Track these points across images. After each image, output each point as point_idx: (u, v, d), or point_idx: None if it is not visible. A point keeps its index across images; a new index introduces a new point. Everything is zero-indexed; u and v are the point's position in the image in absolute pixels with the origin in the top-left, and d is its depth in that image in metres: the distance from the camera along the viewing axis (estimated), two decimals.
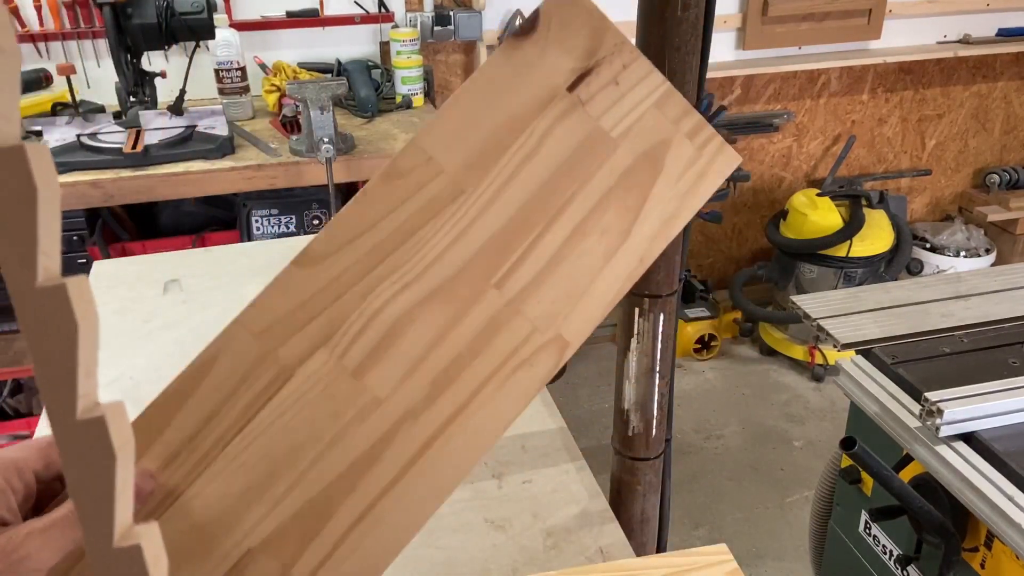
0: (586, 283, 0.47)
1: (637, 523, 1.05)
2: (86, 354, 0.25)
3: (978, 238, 3.43)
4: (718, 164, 0.52)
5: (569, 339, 0.46)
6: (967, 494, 1.15)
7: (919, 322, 1.45)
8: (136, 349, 1.24)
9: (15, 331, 2.41)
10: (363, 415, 0.45)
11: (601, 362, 3.28)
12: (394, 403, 0.45)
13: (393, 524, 0.42)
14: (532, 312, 0.45)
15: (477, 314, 0.46)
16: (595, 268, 0.47)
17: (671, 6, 0.80)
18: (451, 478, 0.43)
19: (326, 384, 0.46)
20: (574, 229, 0.48)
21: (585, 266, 0.48)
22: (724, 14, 2.98)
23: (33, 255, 0.24)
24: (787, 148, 3.40)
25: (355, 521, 0.43)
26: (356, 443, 0.45)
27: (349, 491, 0.43)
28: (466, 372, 0.45)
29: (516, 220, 0.48)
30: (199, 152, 2.13)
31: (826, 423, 2.91)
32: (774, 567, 2.34)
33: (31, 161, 0.23)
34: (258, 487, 0.45)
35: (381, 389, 0.46)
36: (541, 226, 0.48)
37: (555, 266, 0.47)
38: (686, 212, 0.51)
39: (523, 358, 0.45)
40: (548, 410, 1.10)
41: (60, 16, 2.49)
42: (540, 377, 0.45)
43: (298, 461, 0.45)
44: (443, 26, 2.73)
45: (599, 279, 0.47)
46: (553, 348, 0.46)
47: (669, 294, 0.93)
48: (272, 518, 0.43)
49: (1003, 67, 3.46)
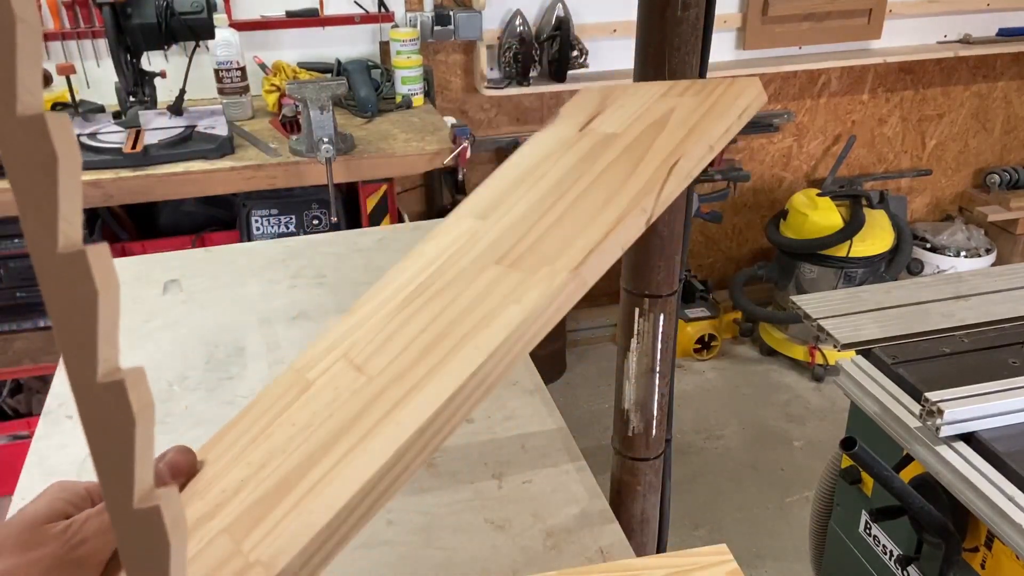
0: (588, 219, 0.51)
1: (637, 523, 1.05)
2: (106, 319, 0.25)
3: (978, 238, 3.43)
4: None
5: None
6: (967, 494, 1.15)
7: (919, 322, 1.45)
8: (136, 349, 1.24)
9: (15, 331, 2.41)
10: (354, 391, 0.46)
11: (601, 362, 3.28)
12: (385, 373, 0.46)
13: (348, 475, 0.41)
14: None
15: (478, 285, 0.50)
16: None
17: (671, 6, 0.80)
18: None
19: (334, 381, 0.49)
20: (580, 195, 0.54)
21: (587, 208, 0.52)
22: (724, 14, 2.98)
23: (54, 222, 0.25)
24: (787, 148, 3.40)
25: (314, 485, 0.42)
26: (341, 415, 0.45)
27: (321, 457, 0.43)
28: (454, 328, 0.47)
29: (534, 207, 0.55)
30: (199, 152, 2.13)
31: (826, 423, 2.91)
32: (774, 567, 2.34)
33: (52, 131, 0.24)
34: (250, 478, 0.45)
35: (376, 368, 0.47)
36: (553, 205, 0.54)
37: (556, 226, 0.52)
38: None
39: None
40: (548, 410, 1.10)
41: (60, 16, 2.49)
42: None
43: (292, 445, 0.46)
44: (443, 26, 2.73)
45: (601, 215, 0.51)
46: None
47: (669, 294, 0.93)
48: (245, 502, 0.43)
49: (1003, 67, 3.46)
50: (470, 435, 1.05)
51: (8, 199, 2.08)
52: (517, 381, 1.16)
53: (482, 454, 1.02)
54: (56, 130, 0.24)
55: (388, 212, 2.44)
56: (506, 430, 1.06)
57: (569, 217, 0.51)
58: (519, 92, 2.89)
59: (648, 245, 0.91)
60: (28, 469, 1.03)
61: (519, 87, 2.86)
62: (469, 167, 3.07)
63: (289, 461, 0.44)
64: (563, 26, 2.76)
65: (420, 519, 0.92)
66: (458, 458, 1.02)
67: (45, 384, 2.38)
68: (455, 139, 2.32)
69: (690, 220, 0.94)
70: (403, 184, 2.95)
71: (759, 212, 3.49)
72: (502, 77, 2.87)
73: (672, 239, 0.91)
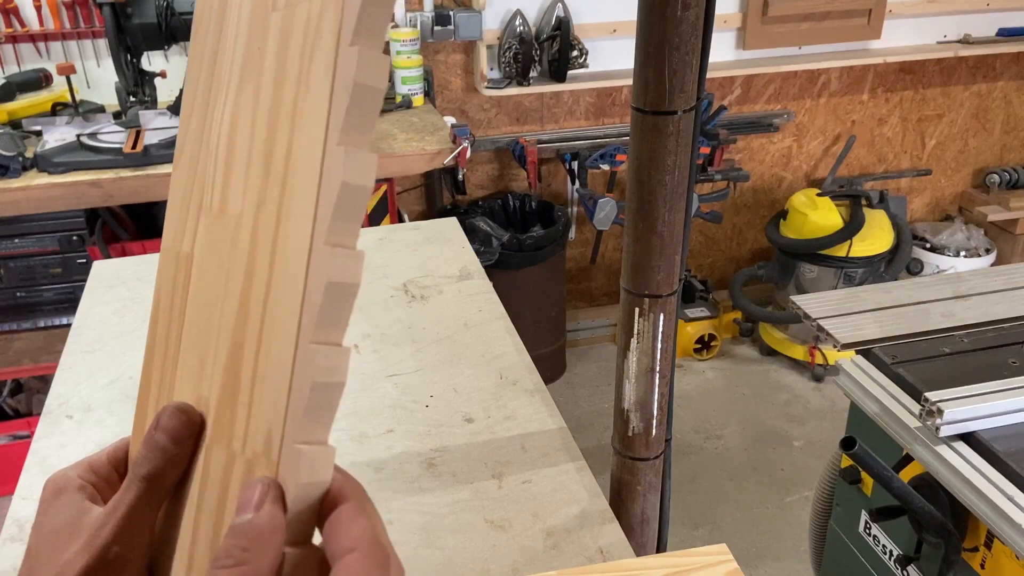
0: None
1: (637, 523, 1.05)
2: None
3: (978, 238, 3.43)
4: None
5: None
6: (967, 494, 1.15)
7: (919, 322, 1.45)
8: (136, 349, 1.24)
9: (15, 331, 2.41)
10: (233, 240, 0.41)
11: (601, 362, 3.28)
12: (246, 205, 0.40)
13: (281, 327, 0.36)
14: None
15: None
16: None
17: (671, 6, 0.80)
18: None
19: (209, 242, 0.43)
20: None
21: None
22: (724, 14, 2.98)
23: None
24: (787, 148, 3.40)
25: (256, 351, 0.37)
26: (237, 271, 0.40)
27: (244, 324, 0.39)
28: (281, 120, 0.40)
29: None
30: None
31: (826, 423, 2.91)
32: (774, 567, 2.34)
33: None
34: (199, 380, 0.42)
35: (235, 205, 0.41)
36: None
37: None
38: None
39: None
40: (548, 410, 1.10)
41: (60, 16, 2.49)
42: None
43: (213, 334, 0.41)
44: (443, 26, 2.73)
45: None
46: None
47: (669, 294, 0.93)
48: (213, 406, 0.40)
49: (1003, 67, 3.46)
50: (470, 435, 1.06)
51: (8, 199, 2.08)
52: (517, 381, 1.16)
53: (482, 454, 1.02)
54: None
55: (388, 212, 2.45)
56: (506, 430, 1.06)
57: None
58: (519, 92, 2.89)
59: (648, 245, 0.91)
60: (28, 469, 1.03)
61: (519, 87, 2.86)
62: (469, 167, 3.08)
63: (222, 343, 0.40)
64: (563, 26, 2.76)
65: (420, 519, 0.92)
66: (458, 458, 1.02)
67: (45, 384, 2.38)
68: (455, 139, 2.32)
69: (690, 220, 0.94)
70: (403, 184, 2.95)
71: (759, 212, 3.50)
72: (502, 77, 2.87)
73: (672, 239, 0.91)
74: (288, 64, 0.38)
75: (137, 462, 0.41)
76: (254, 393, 0.37)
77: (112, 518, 0.40)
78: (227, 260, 0.41)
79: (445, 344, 1.25)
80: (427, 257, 1.52)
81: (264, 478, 0.35)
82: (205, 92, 0.46)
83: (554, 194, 3.21)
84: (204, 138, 0.45)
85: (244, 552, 0.34)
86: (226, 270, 0.41)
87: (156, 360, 0.46)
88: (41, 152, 2.13)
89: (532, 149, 2.97)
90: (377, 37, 0.34)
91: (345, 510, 0.36)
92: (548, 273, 2.95)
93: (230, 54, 0.44)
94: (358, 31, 0.34)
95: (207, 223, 0.44)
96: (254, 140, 0.40)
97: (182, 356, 0.44)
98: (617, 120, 3.14)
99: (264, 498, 0.34)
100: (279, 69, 0.39)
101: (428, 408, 1.11)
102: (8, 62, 2.54)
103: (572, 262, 3.32)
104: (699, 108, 0.87)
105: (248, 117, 0.41)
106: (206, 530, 0.38)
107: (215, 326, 0.41)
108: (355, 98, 0.34)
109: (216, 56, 0.45)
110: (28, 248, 2.31)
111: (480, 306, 1.35)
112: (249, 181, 0.40)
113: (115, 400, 1.14)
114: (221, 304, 0.41)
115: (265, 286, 0.38)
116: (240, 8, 0.44)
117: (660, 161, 0.87)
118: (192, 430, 0.41)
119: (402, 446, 1.04)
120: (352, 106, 0.34)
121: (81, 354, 1.25)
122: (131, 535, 0.40)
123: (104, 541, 0.39)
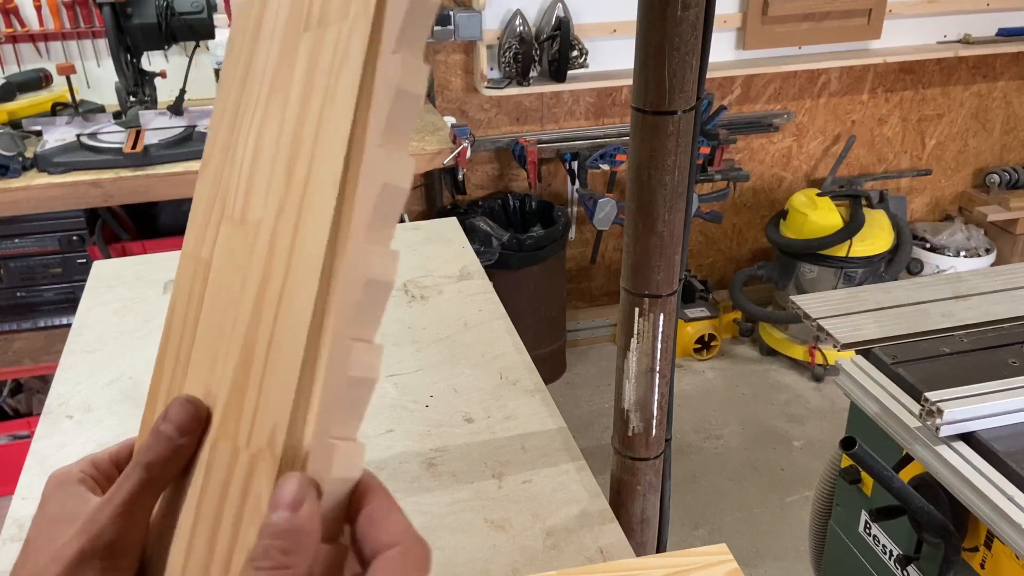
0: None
1: (637, 523, 1.05)
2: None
3: (978, 238, 3.43)
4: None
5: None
6: (967, 494, 1.15)
7: (919, 322, 1.45)
8: (136, 349, 1.24)
9: (15, 331, 2.41)
10: (251, 245, 0.42)
11: (601, 362, 3.28)
12: (266, 211, 0.42)
13: (293, 326, 0.37)
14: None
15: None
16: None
17: (671, 6, 0.80)
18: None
19: (229, 248, 0.44)
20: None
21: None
22: (724, 14, 2.98)
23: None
24: (787, 148, 3.40)
25: (267, 350, 0.38)
26: (253, 275, 0.41)
27: (257, 324, 0.40)
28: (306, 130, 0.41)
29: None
30: (199, 152, 2.13)
31: (826, 423, 2.91)
32: (774, 567, 2.34)
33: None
34: (212, 379, 0.42)
35: (256, 212, 0.42)
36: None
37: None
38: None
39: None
40: (548, 410, 1.10)
41: (60, 16, 2.49)
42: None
43: (226, 335, 0.42)
44: (443, 26, 2.73)
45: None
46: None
47: (669, 294, 0.93)
48: (221, 402, 0.41)
49: (1003, 67, 3.46)
50: (470, 435, 1.06)
51: (8, 199, 2.08)
52: (517, 381, 1.16)
53: (482, 454, 1.02)
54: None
55: None
56: (506, 430, 1.06)
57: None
58: (519, 92, 2.89)
59: (648, 245, 0.91)
60: (28, 469, 1.03)
61: (519, 87, 2.86)
62: (469, 167, 3.08)
63: (234, 343, 0.41)
64: (563, 26, 2.76)
65: (420, 519, 0.92)
66: (458, 458, 1.02)
67: (45, 384, 2.38)
68: (455, 139, 2.32)
69: (690, 220, 0.94)
70: None
71: (759, 212, 3.50)
72: (502, 77, 2.87)
73: (672, 239, 0.91)
74: (316, 80, 0.40)
75: (141, 450, 0.41)
76: (262, 390, 0.38)
77: (110, 504, 0.40)
78: (244, 265, 0.42)
79: (445, 344, 1.25)
80: (427, 257, 1.52)
81: (299, 474, 0.34)
82: (235, 107, 0.47)
83: (554, 194, 3.21)
84: (231, 150, 0.47)
85: (284, 555, 0.33)
86: (243, 274, 0.42)
87: (168, 361, 0.47)
88: (41, 152, 2.13)
89: (532, 149, 2.97)
90: (418, 46, 0.36)
91: (379, 506, 0.35)
92: (548, 273, 2.95)
93: (260, 72, 0.46)
94: (401, 40, 0.35)
95: (228, 230, 0.45)
96: (278, 151, 0.42)
97: (194, 357, 0.45)
98: (617, 120, 3.15)
99: (303, 496, 0.33)
100: (307, 84, 0.41)
101: (428, 408, 1.11)
102: (8, 62, 2.54)
103: (572, 262, 3.32)
104: (699, 108, 0.88)
105: (274, 129, 0.43)
106: (205, 524, 0.39)
107: (229, 327, 0.42)
108: (397, 103, 0.35)
109: (247, 74, 0.47)
110: (28, 248, 2.31)
111: (480, 306, 1.35)
112: (271, 189, 0.42)
113: (115, 400, 1.14)
114: (236, 306, 0.42)
115: (280, 287, 0.39)
116: (273, 29, 0.45)
117: (660, 161, 0.87)
118: (198, 422, 0.41)
119: (402, 446, 1.04)
120: (394, 111, 0.35)
121: (81, 354, 1.25)
122: (128, 522, 0.40)
123: (100, 526, 0.39)
